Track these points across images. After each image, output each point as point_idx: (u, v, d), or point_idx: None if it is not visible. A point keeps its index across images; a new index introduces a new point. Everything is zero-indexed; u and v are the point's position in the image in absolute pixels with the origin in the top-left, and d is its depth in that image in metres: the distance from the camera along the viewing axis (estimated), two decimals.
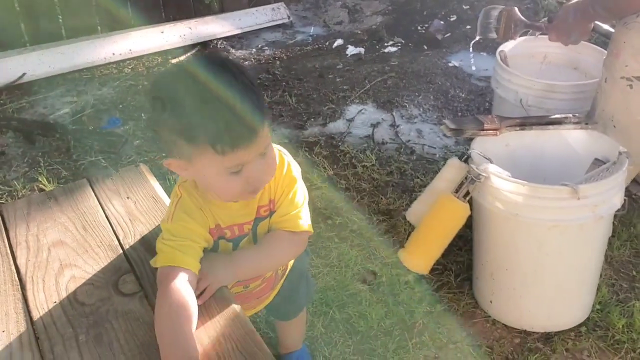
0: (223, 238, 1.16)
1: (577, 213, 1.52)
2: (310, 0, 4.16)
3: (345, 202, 2.28)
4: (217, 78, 0.99)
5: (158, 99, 1.01)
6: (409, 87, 3.06)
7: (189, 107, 0.99)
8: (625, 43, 1.69)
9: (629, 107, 1.75)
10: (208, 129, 0.98)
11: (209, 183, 1.08)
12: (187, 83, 1.00)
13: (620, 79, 1.72)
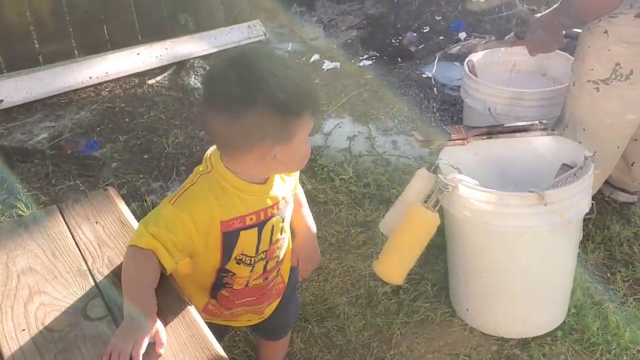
0: (244, 228, 1.16)
1: (545, 219, 1.54)
2: (286, 17, 4.20)
3: (323, 216, 2.30)
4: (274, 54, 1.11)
5: (247, 80, 1.02)
6: (384, 100, 3.10)
7: (282, 78, 1.03)
8: (590, 47, 1.73)
9: (596, 110, 1.78)
10: (308, 95, 1.06)
11: (296, 155, 1.12)
12: (268, 59, 1.06)
13: (587, 82, 1.76)
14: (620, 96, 1.72)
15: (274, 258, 1.28)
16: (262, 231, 1.20)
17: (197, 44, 3.62)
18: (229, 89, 1.03)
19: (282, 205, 1.23)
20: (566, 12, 1.79)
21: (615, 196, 2.25)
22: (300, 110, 1.06)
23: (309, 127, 1.10)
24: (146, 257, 1.08)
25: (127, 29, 3.57)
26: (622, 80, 1.68)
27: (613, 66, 1.68)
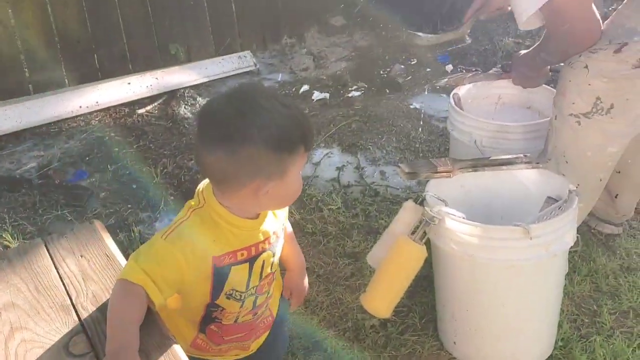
0: (235, 264, 1.16)
1: (530, 252, 1.55)
2: (276, 48, 4.25)
3: (312, 247, 2.30)
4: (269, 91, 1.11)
5: (244, 116, 1.04)
6: (372, 130, 3.12)
7: (276, 114, 1.05)
8: (571, 82, 1.77)
9: (578, 143, 1.81)
10: (302, 132, 1.08)
11: (288, 190, 1.13)
12: (263, 96, 1.08)
13: (569, 116, 1.79)
14: (601, 130, 1.74)
15: (263, 293, 1.28)
16: (253, 266, 1.20)
17: (188, 74, 3.65)
18: (224, 124, 1.06)
19: (273, 240, 1.23)
20: (547, 49, 1.83)
21: (601, 228, 2.27)
22: (294, 147, 1.07)
23: (302, 163, 1.12)
24: (135, 292, 1.07)
25: (118, 58, 3.60)
26: (602, 114, 1.71)
27: (594, 100, 1.71)
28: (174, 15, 3.75)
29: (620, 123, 1.71)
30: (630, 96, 1.66)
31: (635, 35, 1.61)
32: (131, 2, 3.58)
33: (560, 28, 1.67)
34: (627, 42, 1.62)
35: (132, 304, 1.06)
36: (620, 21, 1.67)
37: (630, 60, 1.61)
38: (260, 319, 1.34)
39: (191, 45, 3.86)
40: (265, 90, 1.15)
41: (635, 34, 1.61)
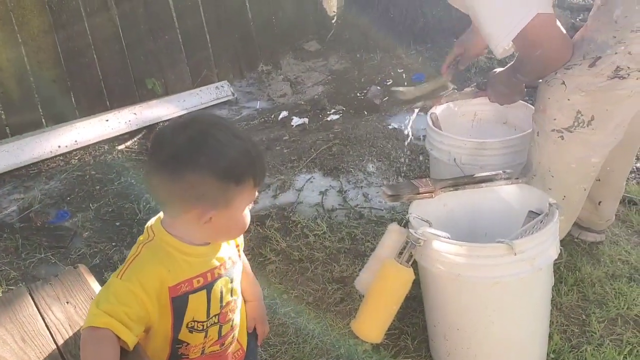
0: (192, 292, 1.17)
1: (516, 268, 1.56)
2: (253, 76, 4.28)
3: (299, 274, 2.29)
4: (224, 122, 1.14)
5: (194, 143, 1.07)
6: (353, 153, 3.14)
7: (227, 145, 1.08)
8: (550, 99, 1.80)
9: (563, 157, 1.84)
10: (251, 166, 1.09)
11: (232, 222, 1.15)
12: (216, 127, 1.10)
13: (551, 131, 1.82)
14: (584, 142, 1.78)
15: (227, 322, 1.28)
16: (210, 293, 1.21)
17: (166, 107, 3.66)
18: (174, 149, 1.09)
19: (229, 266, 1.25)
20: (522, 70, 1.87)
21: (584, 237, 2.30)
22: (242, 178, 1.10)
23: (249, 197, 1.14)
24: (104, 337, 1.06)
25: (95, 96, 3.61)
26: (584, 126, 1.74)
27: (575, 114, 1.74)
28: (149, 50, 3.77)
29: (602, 133, 1.75)
30: (609, 107, 1.70)
31: (607, 48, 1.65)
32: (105, 39, 3.59)
33: (534, 53, 1.72)
34: (600, 56, 1.66)
35: (105, 348, 1.06)
36: (590, 36, 1.71)
37: (605, 72, 1.65)
38: (229, 352, 1.33)
39: (168, 78, 3.87)
40: (221, 122, 1.15)
41: (607, 47, 1.65)
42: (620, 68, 1.64)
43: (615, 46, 1.63)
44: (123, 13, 3.62)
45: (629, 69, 1.63)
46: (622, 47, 1.63)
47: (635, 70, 1.63)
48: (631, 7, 1.61)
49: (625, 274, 2.13)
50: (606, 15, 1.68)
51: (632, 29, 1.61)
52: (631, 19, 1.61)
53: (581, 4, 4.42)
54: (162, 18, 3.78)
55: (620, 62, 1.64)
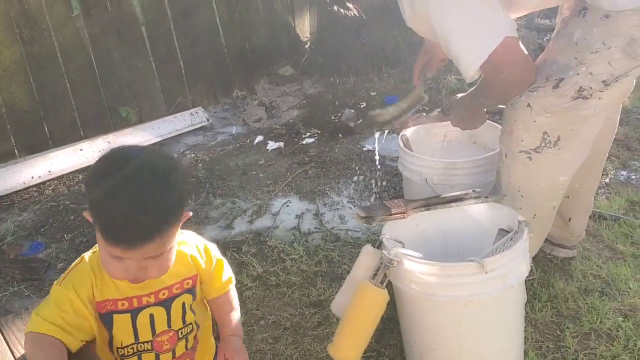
0: (116, 312, 1.21)
1: (488, 286, 1.58)
2: (228, 101, 4.31)
3: (276, 299, 2.29)
4: (130, 175, 1.08)
5: (95, 185, 1.12)
6: (328, 175, 3.17)
7: (96, 192, 1.10)
8: (516, 121, 1.83)
9: (531, 177, 1.87)
10: (103, 217, 1.09)
11: (103, 262, 1.16)
12: (104, 171, 1.11)
13: (519, 152, 1.85)
14: (551, 161, 1.81)
15: (165, 351, 1.29)
16: (136, 319, 1.24)
17: (140, 135, 3.66)
18: (89, 179, 1.15)
19: (163, 296, 1.26)
20: (485, 94, 1.91)
21: (556, 253, 2.33)
22: (108, 238, 1.09)
23: (108, 250, 1.12)
24: (46, 342, 1.13)
25: (68, 125, 3.59)
26: (551, 146, 1.78)
27: (541, 135, 1.78)
28: (122, 78, 3.77)
29: (568, 152, 1.79)
30: (574, 126, 1.74)
31: (569, 69, 1.69)
32: (78, 68, 3.59)
33: (499, 76, 1.75)
34: (563, 77, 1.70)
35: (47, 352, 1.12)
36: (552, 58, 1.76)
37: (569, 93, 1.70)
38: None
39: (142, 106, 3.88)
40: (134, 172, 1.11)
41: (569, 69, 1.69)
42: (582, 88, 1.69)
43: (577, 67, 1.68)
44: (96, 42, 3.63)
45: (591, 89, 1.68)
46: (584, 67, 1.67)
47: (597, 90, 1.68)
48: (590, 30, 1.66)
49: (597, 289, 2.16)
50: (567, 38, 1.73)
51: (591, 50, 1.66)
52: (590, 41, 1.66)
53: (548, 24, 4.53)
54: (135, 46, 3.80)
55: (583, 82, 1.68)
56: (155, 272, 1.16)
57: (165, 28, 3.94)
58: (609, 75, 1.66)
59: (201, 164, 3.49)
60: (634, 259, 2.32)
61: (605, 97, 1.69)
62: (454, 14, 1.66)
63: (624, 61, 1.64)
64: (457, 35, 1.69)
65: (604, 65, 1.65)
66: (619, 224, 2.53)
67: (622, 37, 1.61)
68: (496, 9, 1.67)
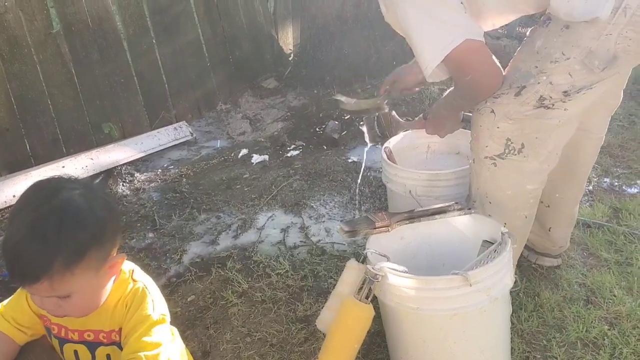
0: (50, 333, 1.27)
1: (473, 299, 1.58)
2: (212, 115, 4.29)
3: (262, 315, 2.26)
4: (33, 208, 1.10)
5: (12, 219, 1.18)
6: (314, 188, 3.16)
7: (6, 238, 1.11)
8: (482, 126, 1.84)
9: (497, 183, 1.88)
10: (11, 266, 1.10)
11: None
12: (19, 201, 1.17)
13: (484, 158, 1.86)
14: (516, 168, 1.82)
15: None
16: (63, 348, 1.27)
17: (124, 151, 3.62)
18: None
19: (88, 337, 1.26)
20: (459, 93, 1.92)
21: (541, 262, 2.33)
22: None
23: (35, 290, 1.12)
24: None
25: (50, 142, 3.55)
26: (515, 154, 1.79)
27: (505, 141, 1.79)
28: (105, 94, 3.75)
29: (535, 161, 1.79)
30: (538, 135, 1.75)
31: (530, 77, 1.71)
32: (59, 84, 3.56)
33: (464, 78, 1.77)
34: (525, 85, 1.71)
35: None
36: (516, 65, 1.77)
37: (530, 101, 1.71)
38: None
39: (124, 121, 3.85)
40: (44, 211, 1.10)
41: (530, 77, 1.71)
42: (543, 97, 1.70)
43: (538, 76, 1.70)
44: (77, 58, 3.60)
45: (552, 99, 1.69)
46: (544, 77, 1.68)
47: (558, 100, 1.69)
48: (550, 39, 1.68)
49: (582, 297, 2.17)
50: (529, 46, 1.75)
51: (551, 60, 1.67)
52: (550, 50, 1.68)
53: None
54: (117, 61, 3.77)
55: (543, 91, 1.69)
56: (70, 312, 1.15)
57: (147, 43, 3.93)
58: (570, 86, 1.67)
59: (185, 179, 3.47)
60: (618, 266, 2.33)
61: (570, 107, 1.70)
62: (416, 13, 1.68)
63: (583, 73, 1.65)
64: (417, 33, 1.71)
65: (564, 75, 1.66)
66: (603, 231, 2.55)
67: (581, 48, 1.62)
68: (458, 11, 1.68)
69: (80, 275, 1.10)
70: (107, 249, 1.17)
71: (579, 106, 1.70)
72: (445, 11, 1.65)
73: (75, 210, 1.09)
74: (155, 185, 3.42)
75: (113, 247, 1.20)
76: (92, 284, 1.15)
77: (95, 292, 1.18)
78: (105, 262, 1.17)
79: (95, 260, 1.13)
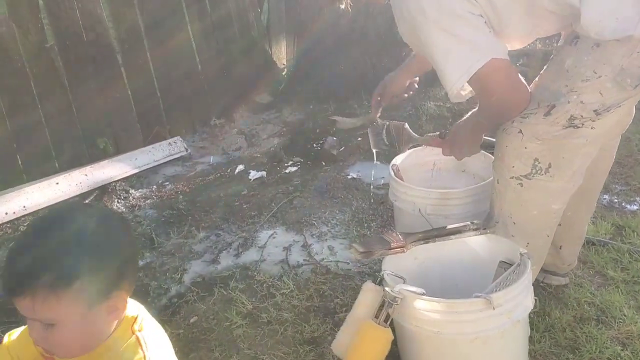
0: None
1: (495, 322, 1.56)
2: (206, 130, 4.24)
3: (269, 337, 2.21)
4: (42, 224, 1.09)
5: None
6: (314, 205, 3.12)
7: (10, 252, 1.10)
8: (508, 147, 1.82)
9: (523, 204, 1.86)
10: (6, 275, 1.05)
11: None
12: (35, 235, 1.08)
13: (510, 179, 1.84)
14: (543, 189, 1.81)
15: None
16: None
17: (118, 167, 3.56)
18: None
19: None
20: (484, 113, 1.90)
21: (549, 281, 2.32)
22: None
23: (20, 307, 1.06)
24: None
25: (43, 158, 3.47)
26: (542, 174, 1.78)
27: (532, 162, 1.78)
28: (99, 109, 3.68)
29: (560, 181, 1.78)
30: (565, 154, 1.74)
31: (560, 96, 1.69)
32: (53, 99, 3.49)
33: (490, 99, 1.75)
34: (554, 104, 1.70)
35: None
36: (545, 84, 1.76)
37: (560, 121, 1.70)
38: None
39: (119, 137, 3.78)
40: (48, 230, 1.08)
41: (561, 95, 1.69)
42: (574, 117, 1.69)
43: (568, 95, 1.68)
44: (71, 73, 3.54)
45: (583, 118, 1.68)
46: (575, 96, 1.67)
47: (588, 119, 1.68)
48: (581, 58, 1.67)
49: (593, 317, 2.16)
50: (558, 65, 1.74)
51: (582, 79, 1.66)
52: (580, 69, 1.66)
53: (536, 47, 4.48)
54: (111, 76, 3.72)
55: (574, 111, 1.68)
56: (54, 347, 1.08)
57: (142, 58, 3.87)
58: (600, 105, 1.66)
59: (182, 196, 3.41)
60: (626, 284, 2.33)
61: (598, 127, 1.70)
62: (439, 33, 1.65)
63: (614, 91, 1.64)
64: (441, 54, 1.68)
65: (595, 94, 1.66)
66: (608, 249, 2.55)
67: (612, 66, 1.62)
68: (482, 30, 1.66)
69: (68, 304, 1.03)
70: (106, 287, 1.08)
71: (606, 125, 1.70)
72: (470, 31, 1.63)
73: (82, 237, 1.05)
74: (151, 202, 3.35)
75: (116, 288, 1.11)
76: (81, 320, 1.06)
77: (84, 332, 1.08)
78: (102, 301, 1.08)
79: (89, 294, 1.05)
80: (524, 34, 1.81)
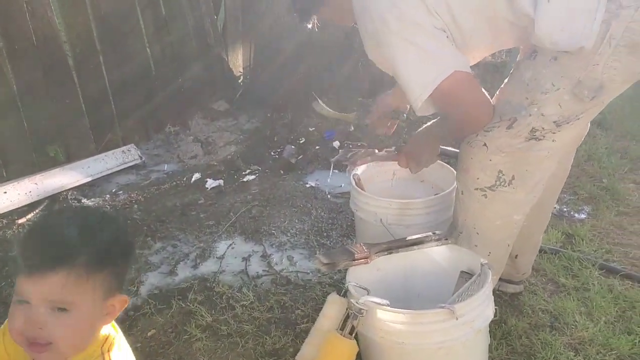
0: None
1: (458, 332, 1.58)
2: (160, 138, 4.16)
3: (229, 350, 2.18)
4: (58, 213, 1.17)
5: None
6: (273, 214, 3.11)
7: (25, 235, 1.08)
8: (473, 159, 1.85)
9: (487, 215, 1.90)
10: (18, 243, 1.04)
11: (9, 312, 1.08)
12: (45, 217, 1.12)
13: (475, 190, 1.87)
14: (506, 200, 1.85)
15: None
16: None
17: (69, 175, 3.45)
18: None
19: None
20: (447, 126, 1.93)
21: (504, 288, 2.38)
22: (16, 266, 1.04)
23: (20, 291, 1.03)
24: None
25: None
26: (505, 185, 1.82)
27: (496, 174, 1.81)
28: (49, 115, 3.56)
29: (522, 192, 1.83)
30: (529, 167, 1.79)
31: (522, 109, 1.73)
32: (1, 104, 3.35)
33: (453, 111, 1.78)
34: (516, 118, 1.74)
35: None
36: (506, 98, 1.80)
37: (522, 134, 1.74)
38: None
39: (70, 144, 3.67)
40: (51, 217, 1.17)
41: (522, 108, 1.73)
42: (535, 129, 1.73)
43: (529, 107, 1.72)
44: (20, 78, 3.41)
45: (544, 130, 1.73)
46: (535, 108, 1.71)
47: (549, 131, 1.73)
48: (540, 71, 1.71)
49: (547, 323, 2.22)
50: (518, 79, 1.78)
51: (541, 91, 1.70)
52: (540, 82, 1.71)
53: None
54: (62, 82, 3.60)
55: (535, 123, 1.73)
56: (57, 336, 1.02)
57: (94, 62, 3.77)
58: (559, 117, 1.71)
59: (136, 205, 3.33)
60: (577, 291, 2.41)
61: (558, 139, 1.75)
62: (402, 46, 1.67)
63: (572, 103, 1.69)
64: (404, 67, 1.70)
65: (554, 106, 1.70)
66: (559, 257, 2.63)
67: (570, 78, 1.67)
68: (444, 43, 1.69)
69: (90, 290, 1.03)
70: (118, 283, 1.10)
71: (566, 137, 1.75)
72: (432, 43, 1.66)
73: (113, 221, 1.11)
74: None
75: (120, 287, 1.11)
76: (93, 311, 1.05)
77: (86, 325, 1.06)
78: (106, 297, 1.07)
79: (109, 285, 1.06)
80: (485, 47, 1.85)
